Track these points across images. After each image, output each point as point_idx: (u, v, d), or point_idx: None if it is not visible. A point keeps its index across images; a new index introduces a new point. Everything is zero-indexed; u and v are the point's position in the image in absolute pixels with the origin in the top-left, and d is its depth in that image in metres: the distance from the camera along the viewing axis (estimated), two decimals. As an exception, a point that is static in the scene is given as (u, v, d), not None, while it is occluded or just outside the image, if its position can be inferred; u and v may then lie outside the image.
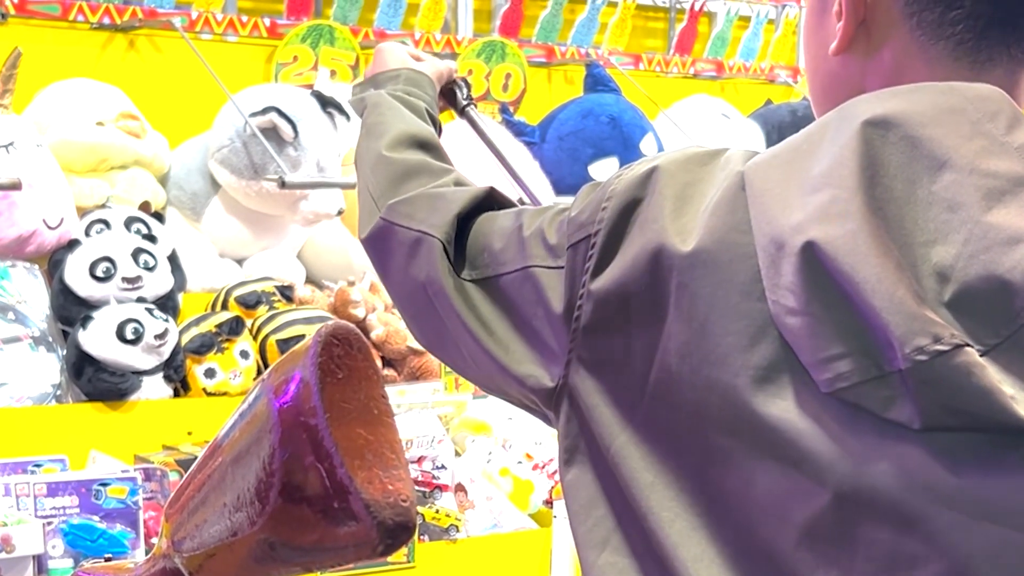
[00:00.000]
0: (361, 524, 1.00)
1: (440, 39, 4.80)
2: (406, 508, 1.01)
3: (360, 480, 1.00)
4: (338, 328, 1.05)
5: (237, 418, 1.10)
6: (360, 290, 3.83)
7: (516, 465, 3.50)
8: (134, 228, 3.72)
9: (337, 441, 1.01)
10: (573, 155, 4.77)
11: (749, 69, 5.54)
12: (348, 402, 1.03)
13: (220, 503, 1.09)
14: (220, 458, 1.10)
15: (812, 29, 1.29)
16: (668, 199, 1.16)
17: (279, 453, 1.03)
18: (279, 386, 1.04)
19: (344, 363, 1.04)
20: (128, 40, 4.27)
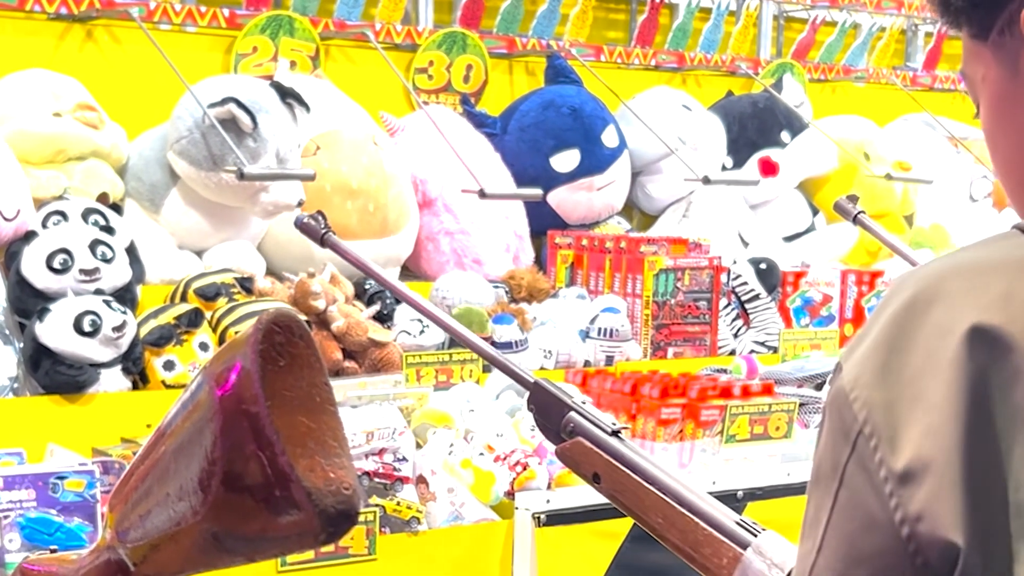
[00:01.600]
0: (303, 512, 0.99)
1: (400, 30, 4.79)
2: (348, 496, 1.00)
3: (302, 468, 0.99)
4: (279, 315, 1.04)
5: (179, 407, 1.09)
6: (320, 281, 3.82)
7: (478, 457, 3.50)
8: (92, 220, 3.69)
9: (279, 429, 1.00)
10: (534, 146, 4.76)
11: (710, 61, 5.54)
12: (290, 390, 1.02)
13: (163, 493, 1.08)
14: (163, 448, 1.09)
15: (1008, 104, 1.19)
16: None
17: (221, 442, 1.02)
18: (220, 375, 1.03)
19: (286, 351, 1.03)
20: (86, 31, 4.24)
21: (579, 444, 1.61)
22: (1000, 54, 1.17)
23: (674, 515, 1.54)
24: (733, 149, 5.27)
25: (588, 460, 1.60)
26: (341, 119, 4.37)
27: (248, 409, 1.01)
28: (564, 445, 1.62)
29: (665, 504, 1.54)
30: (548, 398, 1.64)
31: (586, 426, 1.61)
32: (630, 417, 3.85)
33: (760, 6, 5.79)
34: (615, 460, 1.58)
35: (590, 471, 1.60)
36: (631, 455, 1.58)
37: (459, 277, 4.26)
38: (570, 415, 1.61)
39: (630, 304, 4.35)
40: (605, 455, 1.59)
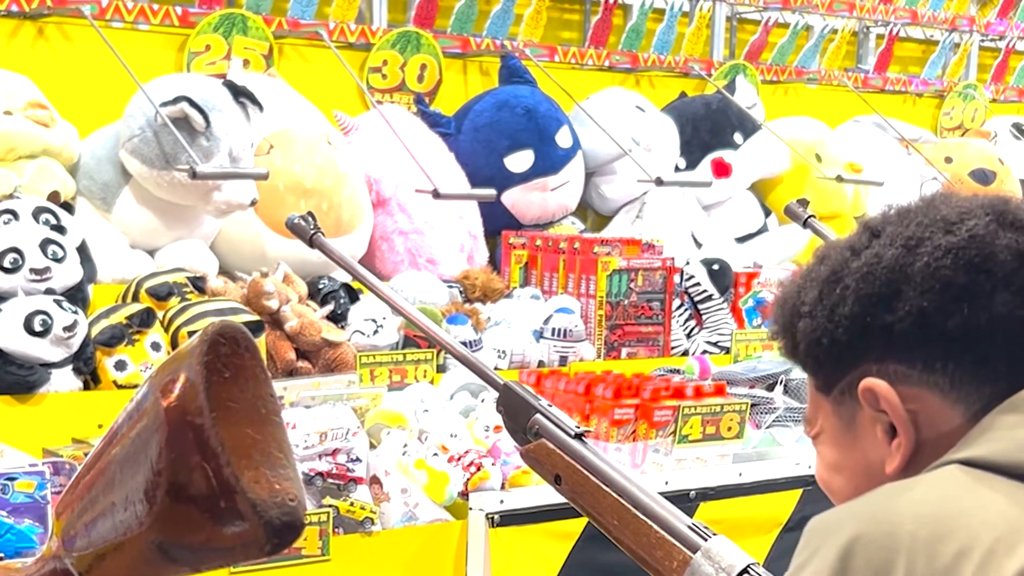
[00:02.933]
0: (248, 523, 1.00)
1: (355, 29, 4.78)
2: (293, 508, 1.00)
3: (247, 479, 0.99)
4: (225, 327, 1.04)
5: (125, 417, 1.09)
6: (274, 281, 3.81)
7: (432, 457, 3.50)
8: (43, 219, 3.67)
9: (224, 440, 1.00)
10: (489, 146, 4.77)
11: (663, 62, 5.56)
12: (235, 401, 1.02)
13: (109, 502, 1.08)
14: (109, 456, 1.09)
15: (845, 449, 1.37)
16: None
17: (166, 453, 1.02)
18: (166, 385, 1.03)
19: (231, 362, 1.03)
20: (37, 28, 4.22)
21: (542, 446, 1.62)
22: (839, 411, 1.36)
23: (629, 518, 1.55)
24: (686, 150, 5.29)
25: (550, 461, 1.62)
26: (294, 118, 4.36)
27: (193, 420, 1.01)
28: (528, 446, 1.64)
29: (621, 507, 1.55)
30: (516, 400, 1.65)
31: (550, 428, 1.62)
32: (584, 418, 3.86)
33: (713, 8, 5.81)
34: (575, 462, 1.60)
35: (552, 472, 1.62)
36: (591, 458, 1.59)
37: (413, 277, 4.26)
38: (536, 417, 1.63)
39: (584, 304, 4.36)
40: (566, 457, 1.61)
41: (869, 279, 1.32)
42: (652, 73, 5.60)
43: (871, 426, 1.32)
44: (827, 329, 1.34)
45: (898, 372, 1.30)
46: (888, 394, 1.30)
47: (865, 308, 1.31)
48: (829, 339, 1.34)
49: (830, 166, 5.47)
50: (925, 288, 1.29)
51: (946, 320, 1.28)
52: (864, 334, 1.31)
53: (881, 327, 1.30)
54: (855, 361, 1.33)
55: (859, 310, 1.32)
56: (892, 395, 1.30)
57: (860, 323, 1.31)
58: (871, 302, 1.31)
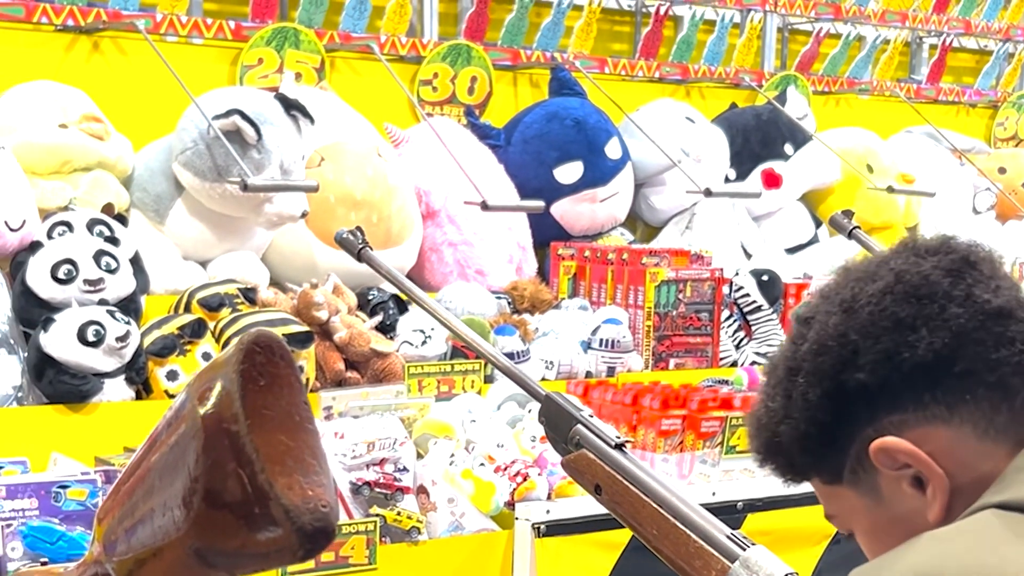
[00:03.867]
0: (281, 529, 1.02)
1: (405, 42, 4.82)
2: (325, 514, 1.02)
3: (280, 486, 1.02)
4: (261, 336, 1.07)
5: (164, 424, 1.11)
6: (323, 292, 3.84)
7: (478, 467, 3.52)
8: (96, 230, 3.72)
9: (258, 447, 1.02)
10: (538, 158, 4.79)
11: (714, 73, 5.56)
12: (270, 409, 1.04)
13: (148, 508, 1.11)
14: (148, 463, 1.12)
15: (884, 522, 1.36)
16: None
17: (202, 459, 1.04)
18: (203, 393, 1.06)
19: (266, 370, 1.06)
20: (92, 42, 4.28)
21: (583, 456, 1.64)
22: (859, 488, 1.35)
23: (668, 527, 1.57)
24: (736, 161, 5.29)
25: (591, 471, 1.64)
26: (345, 131, 4.40)
27: (229, 428, 1.03)
28: (569, 456, 1.66)
29: (660, 516, 1.56)
30: (557, 411, 1.67)
31: (591, 438, 1.64)
32: (631, 428, 3.87)
33: (764, 19, 5.81)
34: (615, 472, 1.61)
35: (592, 482, 1.64)
36: (631, 468, 1.60)
37: (462, 288, 4.28)
38: (577, 427, 1.65)
39: (632, 315, 4.37)
40: (607, 467, 1.62)
41: (823, 352, 1.33)
42: (702, 84, 5.61)
43: (897, 486, 1.32)
44: (809, 419, 1.34)
45: (895, 422, 1.30)
46: (901, 446, 1.30)
47: (832, 380, 1.32)
48: (816, 427, 1.34)
49: (882, 177, 5.46)
50: (878, 333, 1.30)
51: (913, 352, 1.29)
52: (845, 404, 1.32)
53: (856, 389, 1.31)
54: (850, 434, 1.33)
55: (828, 385, 1.32)
56: (905, 445, 1.29)
57: (836, 396, 1.32)
58: (835, 371, 1.32)
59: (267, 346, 1.06)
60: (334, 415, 3.61)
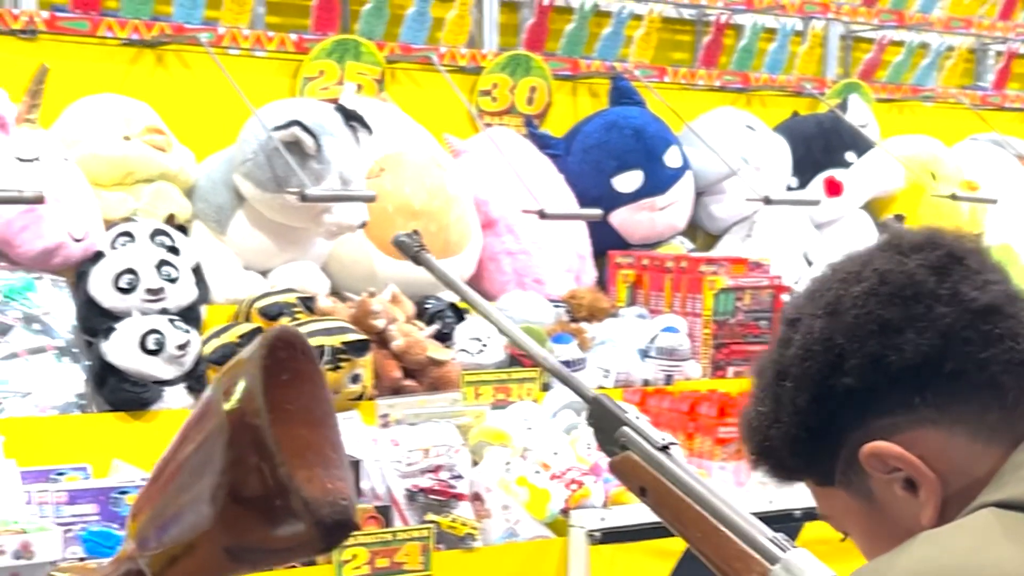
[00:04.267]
0: (302, 522, 1.03)
1: (465, 53, 4.85)
2: (344, 507, 1.04)
3: (300, 479, 1.03)
4: (283, 332, 1.09)
5: (193, 420, 1.14)
6: (381, 301, 3.87)
7: (533, 474, 3.53)
8: (158, 240, 3.77)
9: (279, 441, 1.04)
10: (597, 167, 4.80)
11: (775, 81, 5.55)
12: (291, 403, 1.06)
13: (178, 504, 1.13)
14: (178, 460, 1.14)
15: (877, 525, 1.35)
16: None
17: (227, 454, 1.07)
18: (228, 389, 1.08)
19: (289, 366, 1.08)
20: (156, 56, 4.34)
21: (628, 458, 1.65)
22: (851, 490, 1.34)
23: (710, 530, 1.57)
24: (798, 169, 5.27)
25: (636, 474, 1.65)
26: (405, 141, 4.43)
27: (251, 422, 1.05)
28: (615, 458, 1.67)
29: (703, 519, 1.57)
30: (605, 413, 1.68)
31: (637, 441, 1.65)
32: (687, 436, 3.87)
33: (826, 26, 5.79)
34: (660, 474, 1.62)
35: (637, 484, 1.65)
36: (675, 470, 1.61)
37: (519, 297, 4.30)
38: (623, 429, 1.66)
39: (690, 323, 4.36)
40: (651, 469, 1.63)
41: (809, 357, 1.32)
42: (764, 93, 5.59)
43: (889, 489, 1.31)
44: (798, 424, 1.34)
45: (885, 426, 1.29)
46: (890, 449, 1.29)
47: (820, 383, 1.31)
48: (805, 431, 1.33)
49: (946, 184, 5.42)
50: (864, 336, 1.29)
51: (900, 355, 1.27)
52: (833, 408, 1.31)
53: (844, 393, 1.30)
54: (840, 438, 1.32)
55: (816, 389, 1.31)
56: (894, 448, 1.28)
57: (824, 400, 1.31)
58: (822, 375, 1.31)
59: (289, 342, 1.08)
60: (391, 423, 3.63)
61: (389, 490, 3.40)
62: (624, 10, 5.15)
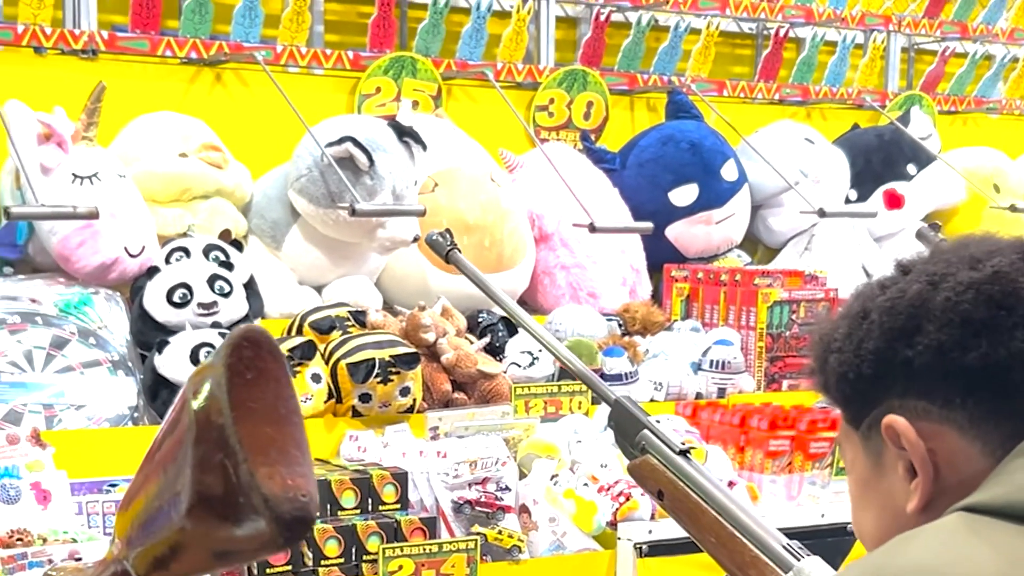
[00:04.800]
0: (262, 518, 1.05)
1: (522, 69, 4.87)
2: (304, 503, 1.06)
3: (261, 475, 1.05)
4: (248, 331, 1.11)
5: (169, 421, 1.16)
6: (431, 314, 3.89)
7: (581, 487, 3.53)
8: (212, 256, 3.83)
9: (242, 439, 1.06)
10: (653, 181, 4.80)
11: (835, 94, 5.52)
12: (255, 401, 1.08)
13: (157, 502, 1.15)
14: (156, 459, 1.17)
15: (872, 488, 1.38)
16: None
17: (194, 452, 1.09)
18: (196, 388, 1.10)
19: (254, 364, 1.10)
20: (215, 74, 4.40)
21: (647, 461, 1.66)
22: (866, 445, 1.37)
23: (726, 536, 1.58)
24: (857, 182, 5.24)
25: (654, 477, 1.66)
26: (459, 157, 4.46)
27: (215, 420, 1.07)
28: (634, 461, 1.68)
29: (719, 524, 1.58)
30: (626, 415, 1.70)
31: (656, 444, 1.66)
32: (738, 449, 3.85)
33: (887, 39, 5.74)
34: (678, 478, 1.63)
35: (655, 488, 1.66)
36: (693, 474, 1.62)
37: (572, 310, 4.31)
38: (643, 432, 1.67)
39: (744, 336, 4.34)
40: (669, 473, 1.64)
41: (892, 313, 1.33)
42: (824, 105, 5.57)
43: (895, 464, 1.33)
44: (853, 364, 1.35)
45: (919, 408, 1.30)
46: (906, 430, 1.30)
47: (887, 342, 1.32)
48: (855, 374, 1.35)
49: (1009, 196, 5.35)
50: (944, 322, 1.29)
51: (964, 355, 1.28)
52: (887, 369, 1.32)
53: (902, 362, 1.31)
54: (880, 397, 1.33)
55: (882, 344, 1.33)
56: (910, 431, 1.30)
57: (883, 357, 1.32)
58: (893, 336, 1.32)
59: (255, 341, 1.10)
60: (440, 435, 3.65)
61: (436, 502, 3.42)
62: (682, 24, 5.15)
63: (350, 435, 3.64)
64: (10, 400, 3.43)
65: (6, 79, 3.94)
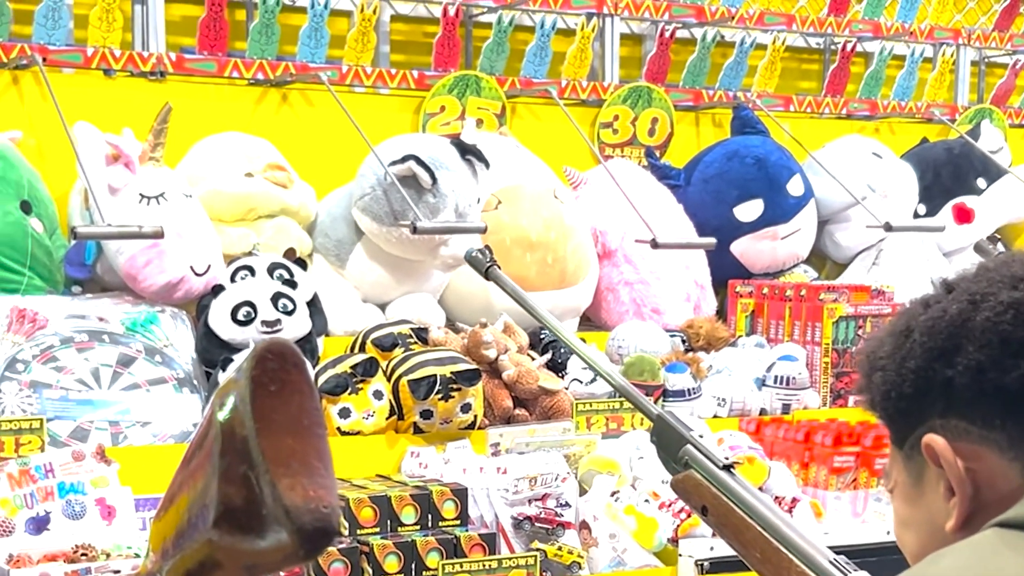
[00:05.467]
0: (283, 530, 1.06)
1: (586, 86, 4.88)
2: (326, 514, 1.06)
3: (283, 487, 1.06)
4: (273, 343, 1.12)
5: (198, 432, 1.17)
6: (492, 331, 3.91)
7: (642, 503, 3.52)
8: (276, 274, 3.86)
9: (264, 450, 1.07)
10: (718, 197, 4.79)
11: (904, 108, 5.47)
12: (278, 413, 1.09)
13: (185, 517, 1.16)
14: (183, 472, 1.18)
15: (914, 506, 1.38)
16: None
17: (219, 464, 1.10)
18: (222, 400, 1.12)
19: (278, 376, 1.11)
20: (281, 95, 4.45)
21: (691, 476, 1.65)
22: (908, 463, 1.37)
23: (771, 551, 1.57)
24: (926, 196, 5.19)
25: (698, 492, 1.65)
26: (523, 174, 4.47)
27: (239, 432, 1.09)
28: (677, 476, 1.67)
29: (764, 540, 1.57)
30: (668, 430, 1.69)
31: (699, 459, 1.65)
32: (802, 466, 3.83)
33: (957, 52, 5.69)
34: (722, 493, 1.62)
35: (699, 503, 1.65)
36: (738, 490, 1.61)
37: (635, 326, 4.30)
38: (686, 448, 1.66)
39: (809, 352, 4.32)
40: (713, 488, 1.63)
41: (933, 333, 1.33)
42: (892, 120, 5.53)
43: (936, 483, 1.33)
44: (896, 382, 1.35)
45: (959, 428, 1.30)
46: (944, 450, 1.30)
47: (928, 362, 1.32)
48: (898, 392, 1.35)
49: (1082, 211, 5.29)
50: (983, 343, 1.29)
51: (1003, 376, 1.27)
52: (928, 388, 1.32)
53: (943, 381, 1.31)
54: (922, 416, 1.34)
55: (923, 364, 1.33)
56: (948, 452, 1.30)
57: (924, 377, 1.32)
58: (933, 356, 1.32)
59: (279, 353, 1.11)
60: (501, 451, 3.66)
61: (496, 518, 3.43)
62: (748, 39, 5.13)
63: (411, 451, 3.66)
64: (78, 417, 3.48)
65: (76, 101, 4.01)
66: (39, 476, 3.19)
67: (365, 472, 3.61)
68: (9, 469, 3.18)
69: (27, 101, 4.04)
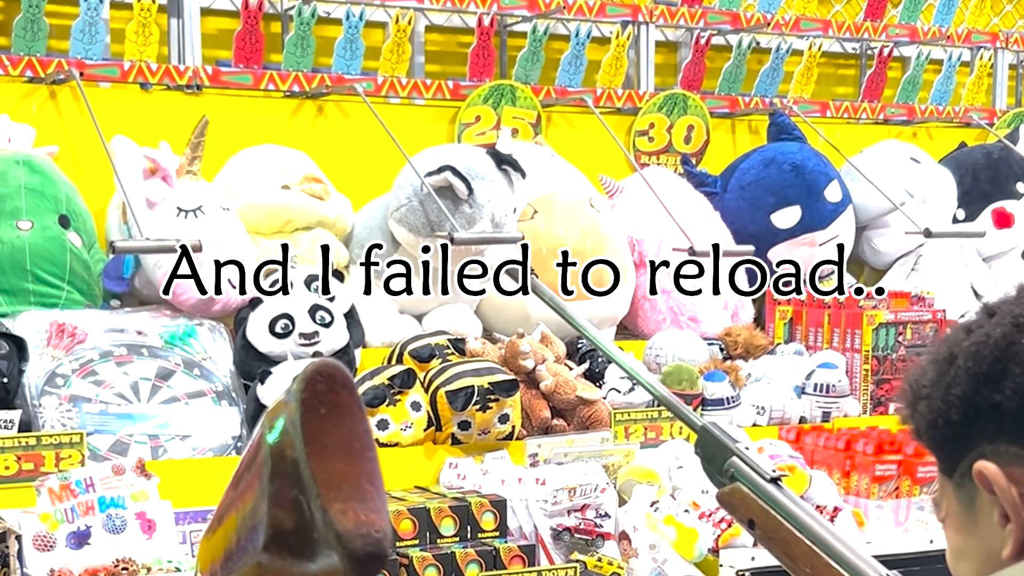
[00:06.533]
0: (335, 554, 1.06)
1: (622, 94, 4.87)
2: (378, 539, 1.06)
3: (334, 511, 1.06)
4: (322, 366, 1.11)
5: (248, 455, 1.17)
6: (530, 341, 3.90)
7: (682, 513, 3.51)
8: (314, 287, 3.86)
9: (315, 474, 1.07)
10: (755, 204, 4.77)
11: (942, 113, 5.44)
12: (329, 436, 1.09)
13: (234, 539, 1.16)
14: (232, 494, 1.18)
15: (968, 535, 1.36)
16: None
17: (269, 487, 1.10)
18: (272, 422, 1.11)
19: (327, 399, 1.10)
20: (317, 106, 4.45)
21: (737, 489, 1.63)
22: (959, 493, 1.34)
23: (822, 566, 1.55)
24: (965, 201, 5.16)
25: (744, 506, 1.63)
26: (559, 183, 4.46)
27: (289, 455, 1.08)
28: (723, 489, 1.65)
29: (814, 554, 1.55)
30: (713, 442, 1.67)
31: (745, 471, 1.63)
32: (843, 474, 3.80)
33: (994, 56, 5.65)
34: (770, 507, 1.60)
35: (746, 516, 1.63)
36: (786, 503, 1.60)
37: (673, 335, 4.28)
38: (732, 460, 1.64)
39: (849, 359, 4.29)
40: (761, 501, 1.61)
41: (977, 358, 1.30)
42: (929, 125, 5.49)
43: (990, 510, 1.30)
44: (942, 410, 1.33)
45: (1009, 453, 1.28)
46: (996, 477, 1.28)
47: (974, 387, 1.30)
48: (944, 420, 1.33)
49: (1123, 214, 5.23)
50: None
51: None
52: (976, 414, 1.30)
53: (990, 407, 1.29)
54: (970, 443, 1.31)
55: (969, 390, 1.30)
56: (1000, 478, 1.27)
57: (971, 403, 1.30)
58: (979, 381, 1.30)
59: (329, 375, 1.11)
60: (539, 462, 3.65)
61: (535, 529, 3.42)
62: (783, 46, 5.11)
63: (449, 462, 3.65)
64: (117, 431, 3.49)
65: (113, 115, 4.02)
66: (79, 490, 3.20)
67: (403, 484, 3.61)
68: (50, 484, 3.19)
69: (65, 116, 4.05)
